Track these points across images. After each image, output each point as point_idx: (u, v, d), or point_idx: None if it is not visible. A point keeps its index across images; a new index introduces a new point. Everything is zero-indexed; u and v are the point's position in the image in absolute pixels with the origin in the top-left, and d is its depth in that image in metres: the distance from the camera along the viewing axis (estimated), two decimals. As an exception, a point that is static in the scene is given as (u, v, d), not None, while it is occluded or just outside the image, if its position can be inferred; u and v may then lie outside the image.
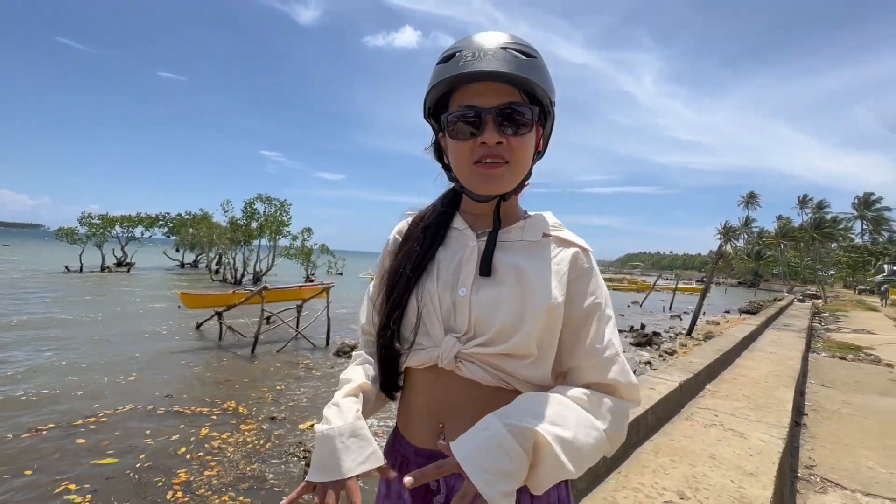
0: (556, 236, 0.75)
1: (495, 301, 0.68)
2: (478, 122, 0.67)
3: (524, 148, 0.69)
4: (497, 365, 0.68)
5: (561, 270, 0.71)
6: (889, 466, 3.55)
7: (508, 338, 0.66)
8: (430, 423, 0.72)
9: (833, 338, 11.79)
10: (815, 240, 59.83)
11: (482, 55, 0.64)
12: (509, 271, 0.70)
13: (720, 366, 4.35)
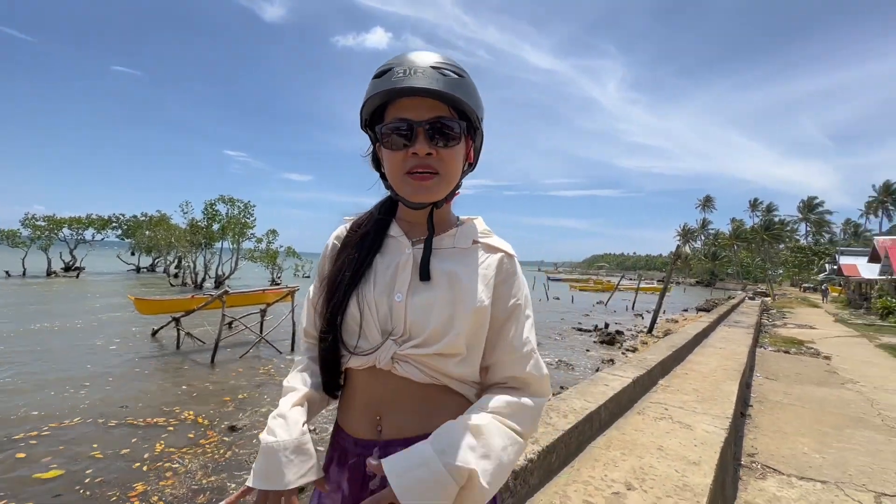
0: (485, 243, 0.81)
1: (428, 305, 0.73)
2: (410, 134, 0.71)
3: (453, 159, 0.74)
4: (429, 364, 0.73)
5: (488, 275, 0.77)
6: (821, 451, 3.83)
7: (440, 339, 0.72)
8: (368, 416, 0.77)
9: (779, 333, 12.57)
10: (765, 241, 63.63)
11: (414, 72, 0.69)
12: (441, 277, 0.75)
13: (673, 362, 4.57)
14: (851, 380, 6.84)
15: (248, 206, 25.47)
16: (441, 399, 0.75)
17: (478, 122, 0.76)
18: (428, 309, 0.73)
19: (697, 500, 1.84)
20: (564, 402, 2.56)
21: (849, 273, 27.73)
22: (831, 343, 10.97)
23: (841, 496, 3.04)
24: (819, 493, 3.07)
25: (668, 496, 1.85)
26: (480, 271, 0.77)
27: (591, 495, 1.83)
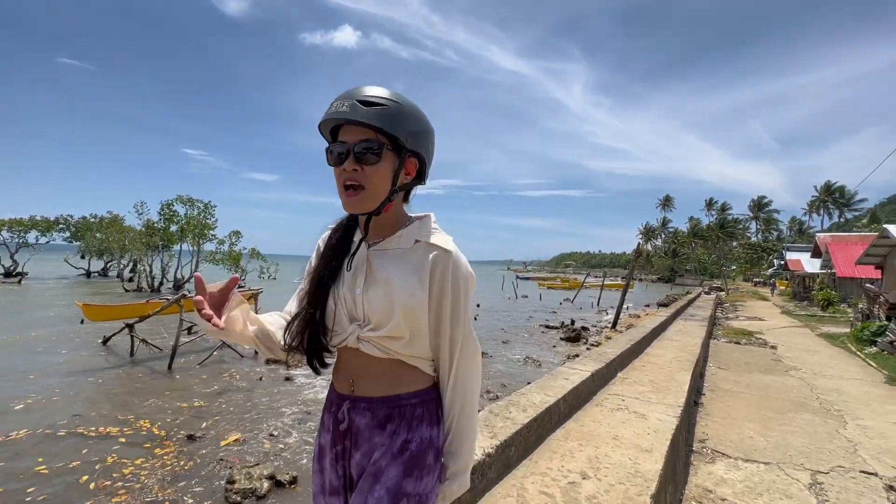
0: (425, 241, 0.94)
1: (376, 298, 0.91)
2: (343, 154, 0.88)
3: (375, 175, 0.89)
4: (383, 344, 0.92)
5: (422, 271, 0.91)
6: (766, 435, 4.08)
7: (385, 325, 0.90)
8: (346, 379, 0.99)
9: (731, 325, 13.28)
10: (720, 238, 66.92)
11: (344, 105, 0.86)
12: (383, 275, 0.92)
13: (631, 355, 4.74)
14: (794, 367, 7.31)
15: (208, 206, 24.51)
16: (398, 370, 0.94)
17: (406, 142, 0.89)
18: (375, 301, 0.91)
19: (647, 485, 1.92)
20: (524, 396, 2.61)
21: (794, 268, 29.62)
22: (778, 333, 11.68)
23: (781, 476, 3.25)
24: (762, 473, 3.27)
25: (621, 483, 1.93)
26: (415, 268, 0.91)
27: (548, 486, 1.88)
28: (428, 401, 0.96)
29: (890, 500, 2.97)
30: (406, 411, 0.93)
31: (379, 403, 0.93)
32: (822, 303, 19.39)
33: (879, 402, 5.36)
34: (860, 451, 3.79)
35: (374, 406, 0.93)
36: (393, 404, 0.93)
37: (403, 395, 0.94)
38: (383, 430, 0.92)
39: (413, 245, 0.94)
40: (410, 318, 0.90)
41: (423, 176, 0.98)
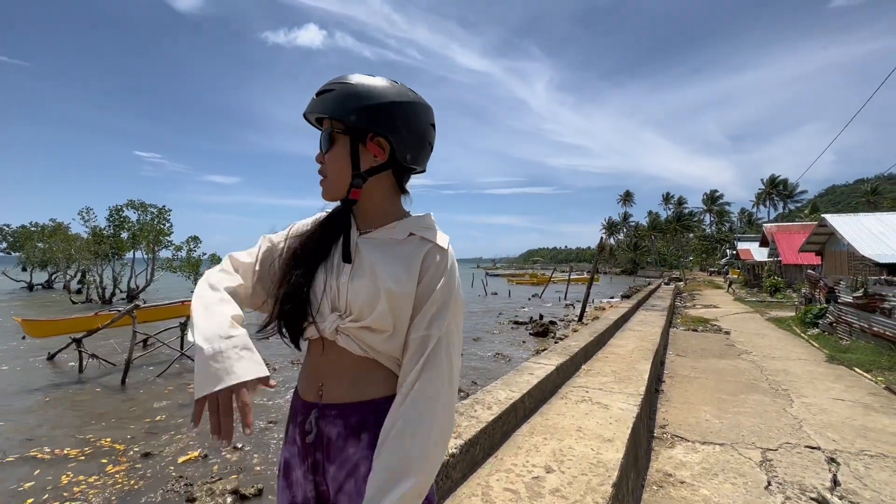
0: (420, 236, 0.90)
1: (360, 286, 0.85)
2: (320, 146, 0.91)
3: (332, 162, 0.88)
4: (362, 338, 0.84)
5: (413, 264, 0.86)
6: (720, 417, 4.28)
7: (367, 315, 0.83)
8: (313, 383, 0.90)
9: (689, 313, 13.91)
10: (677, 231, 70.06)
11: (312, 100, 0.88)
12: (370, 262, 0.87)
13: (595, 346, 4.86)
14: (746, 351, 7.73)
15: (162, 211, 23.33)
16: (372, 372, 0.87)
17: (353, 120, 0.85)
18: (359, 289, 0.85)
19: (609, 474, 1.96)
20: (490, 393, 2.62)
21: (744, 257, 31.37)
22: (731, 320, 12.33)
23: (735, 455, 3.41)
24: (717, 454, 3.43)
25: (584, 474, 1.96)
26: (405, 259, 0.87)
27: (513, 482, 1.88)
28: None
29: (831, 472, 3.18)
30: (381, 418, 0.82)
31: (350, 410, 0.85)
32: (769, 289, 20.63)
33: (821, 380, 5.75)
34: (805, 427, 4.04)
35: (345, 413, 0.85)
36: (366, 410, 0.85)
37: (378, 400, 0.85)
38: (358, 440, 0.84)
39: (406, 237, 0.90)
40: (395, 307, 0.83)
41: (395, 157, 0.88)
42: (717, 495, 2.81)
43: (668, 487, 2.90)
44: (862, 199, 61.36)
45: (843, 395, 5.07)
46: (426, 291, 0.85)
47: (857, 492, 2.91)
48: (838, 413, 4.43)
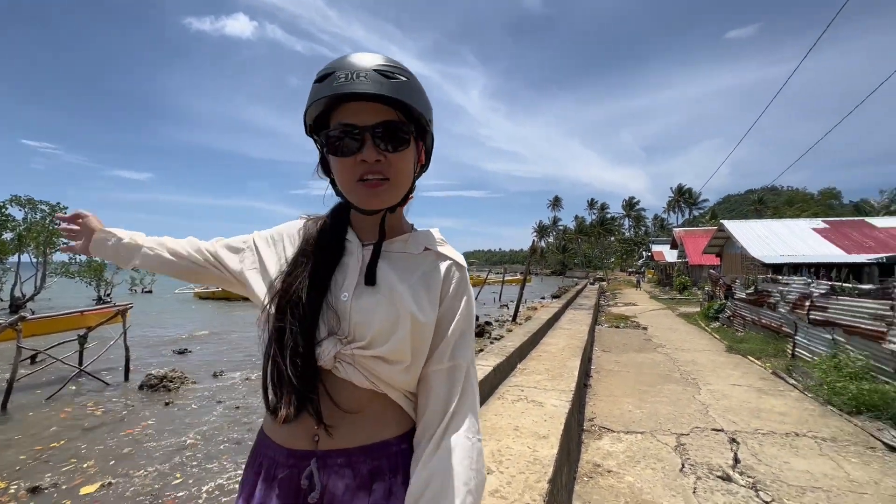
0: (436, 251, 0.80)
1: (373, 307, 0.72)
2: (357, 140, 0.70)
3: (403, 164, 0.73)
4: (372, 368, 0.71)
5: (434, 283, 0.76)
6: (641, 407, 4.63)
7: (383, 342, 0.70)
8: (304, 424, 0.72)
9: (611, 311, 14.96)
10: (601, 234, 75.25)
11: (357, 76, 0.68)
12: (388, 281, 0.74)
13: (529, 346, 5.03)
14: (661, 344, 8.46)
15: (56, 208, 20.56)
16: (383, 409, 0.74)
17: (427, 123, 0.76)
18: (372, 311, 0.72)
19: (545, 470, 2.02)
20: (429, 398, 2.60)
21: (658, 258, 34.44)
22: (648, 316, 13.45)
23: (654, 442, 3.70)
24: (639, 442, 3.69)
25: (521, 472, 2.00)
26: (427, 279, 0.77)
27: (453, 487, 1.87)
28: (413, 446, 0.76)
29: (733, 451, 3.56)
30: (397, 461, 0.72)
31: (361, 456, 0.71)
32: (679, 287, 22.82)
33: (722, 369, 6.44)
34: (710, 411, 4.49)
35: (355, 460, 0.70)
36: (380, 454, 0.71)
37: (392, 441, 0.73)
38: (369, 493, 0.69)
39: (422, 252, 0.80)
40: (418, 336, 0.72)
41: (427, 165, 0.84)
42: (640, 481, 3.02)
43: (597, 477, 3.07)
44: (751, 207, 70.20)
45: (740, 381, 5.72)
46: (449, 315, 0.76)
47: (753, 467, 3.28)
48: (737, 397, 4.98)
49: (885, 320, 4.95)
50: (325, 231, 0.80)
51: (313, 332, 0.71)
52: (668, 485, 2.99)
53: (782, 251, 14.91)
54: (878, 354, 5.00)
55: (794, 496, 2.88)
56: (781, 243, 15.57)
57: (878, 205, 31.28)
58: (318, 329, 0.72)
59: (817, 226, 17.03)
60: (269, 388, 0.72)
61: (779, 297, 7.95)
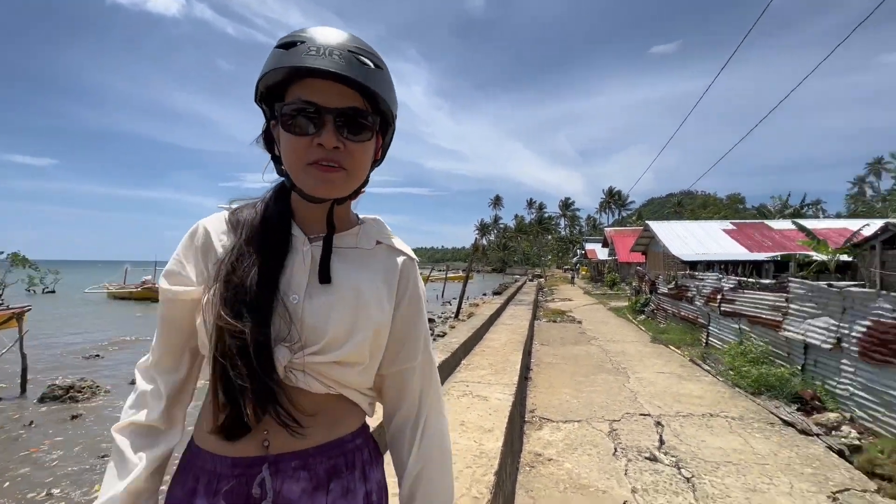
0: (388, 244, 0.77)
1: (329, 309, 0.67)
2: (317, 121, 0.64)
3: (363, 155, 0.69)
4: (327, 373, 0.67)
5: (391, 280, 0.74)
6: (577, 397, 4.87)
7: (340, 346, 0.67)
8: (253, 434, 0.66)
9: (549, 306, 15.63)
10: (539, 233, 78.44)
11: (328, 52, 0.63)
12: (343, 279, 0.70)
13: (473, 341, 5.11)
14: (594, 337, 8.97)
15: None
16: (338, 408, 0.71)
17: (392, 119, 0.73)
18: (328, 313, 0.67)
19: (491, 463, 2.05)
20: (375, 397, 2.55)
21: (591, 256, 36.52)
22: (582, 311, 14.21)
23: (590, 429, 3.91)
24: (576, 430, 3.88)
25: (468, 467, 2.01)
26: (384, 275, 0.74)
27: (401, 486, 1.84)
28: (368, 438, 0.75)
29: (658, 433, 3.86)
30: (354, 457, 0.70)
31: (318, 456, 0.67)
32: (609, 283, 24.37)
33: (648, 358, 6.96)
34: (639, 398, 4.83)
35: (311, 461, 0.67)
36: (337, 452, 0.69)
37: (347, 438, 0.71)
38: (326, 493, 0.66)
39: (375, 246, 0.76)
40: (378, 337, 0.70)
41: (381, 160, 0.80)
42: (578, 466, 3.17)
43: (538, 466, 3.18)
44: (672, 209, 76.69)
45: (664, 369, 6.22)
46: (413, 312, 0.75)
47: (676, 447, 3.57)
48: (661, 384, 5.40)
49: (780, 311, 5.61)
50: (268, 219, 0.72)
51: (269, 337, 0.64)
52: (603, 468, 3.17)
53: (698, 250, 16.43)
54: (776, 341, 5.67)
55: (710, 471, 3.18)
56: (697, 242, 17.15)
57: (774, 209, 35.55)
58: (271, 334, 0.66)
59: (726, 227, 18.95)
60: (221, 398, 0.64)
61: (695, 292, 8.74)
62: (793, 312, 5.34)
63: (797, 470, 3.20)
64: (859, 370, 4.18)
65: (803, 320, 5.10)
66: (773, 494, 2.87)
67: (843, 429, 3.89)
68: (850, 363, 4.31)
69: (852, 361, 4.28)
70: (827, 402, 4.42)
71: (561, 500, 2.78)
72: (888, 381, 3.81)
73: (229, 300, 0.64)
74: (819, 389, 4.60)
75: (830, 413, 4.17)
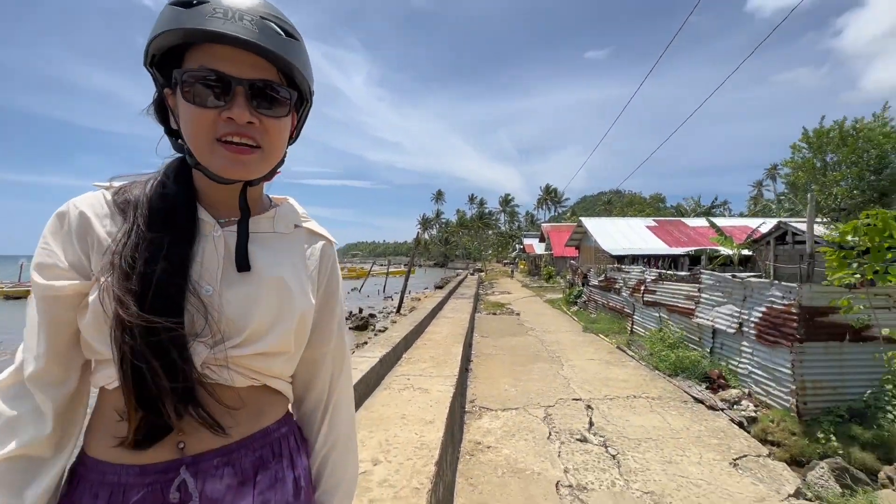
0: (307, 228, 0.75)
1: (249, 300, 0.63)
2: (225, 92, 0.58)
3: (279, 132, 0.64)
4: (249, 365, 0.63)
5: (312, 265, 0.73)
6: (515, 386, 5.06)
7: (263, 337, 0.63)
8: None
9: (489, 299, 16.04)
10: (480, 228, 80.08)
11: (237, 16, 0.57)
12: (263, 266, 0.66)
13: (414, 335, 5.11)
14: (532, 328, 9.35)
15: None
16: (262, 398, 0.67)
17: (308, 95, 0.68)
18: (248, 304, 0.62)
19: (432, 454, 2.08)
20: (313, 395, 2.47)
21: (529, 251, 37.92)
22: (520, 303, 14.74)
23: (526, 416, 4.07)
24: (514, 417, 4.03)
25: (409, 459, 2.02)
26: (305, 260, 0.72)
27: (340, 483, 1.81)
28: (293, 424, 0.74)
29: (588, 416, 4.11)
30: (281, 446, 0.68)
31: (242, 450, 0.63)
32: (546, 277, 25.49)
33: (580, 346, 7.38)
34: (572, 384, 5.12)
35: (236, 456, 0.63)
36: (262, 443, 0.66)
37: (271, 427, 0.68)
38: (254, 486, 0.63)
39: (293, 230, 0.73)
40: (303, 324, 0.68)
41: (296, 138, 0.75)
42: (515, 452, 3.30)
43: (478, 454, 3.27)
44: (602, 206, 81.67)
45: (594, 356, 6.63)
46: (331, 297, 0.75)
47: (603, 427, 3.83)
48: (591, 370, 5.76)
49: (693, 300, 6.20)
50: (170, 200, 0.63)
51: (183, 333, 0.58)
52: (538, 452, 3.33)
53: (625, 244, 17.65)
54: (689, 327, 6.26)
55: (633, 447, 3.45)
56: (624, 238, 18.42)
57: (690, 208, 39.20)
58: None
59: (650, 224, 20.55)
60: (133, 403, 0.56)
61: (622, 284, 9.39)
62: (704, 301, 5.91)
63: (705, 441, 3.57)
64: (756, 351, 4.74)
65: (712, 308, 5.67)
66: (686, 465, 3.18)
67: (742, 403, 4.39)
68: (748, 345, 4.87)
69: (750, 343, 4.83)
70: (730, 379, 4.96)
71: (499, 485, 2.88)
72: (778, 359, 4.36)
73: (132, 293, 0.56)
74: (724, 369, 5.15)
75: (733, 389, 4.69)
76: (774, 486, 2.93)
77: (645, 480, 2.95)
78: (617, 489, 2.85)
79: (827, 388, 4.04)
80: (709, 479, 2.98)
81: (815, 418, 3.85)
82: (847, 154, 12.70)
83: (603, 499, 2.74)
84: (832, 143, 13.31)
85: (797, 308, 4.15)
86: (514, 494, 2.77)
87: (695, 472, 3.07)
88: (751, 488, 2.89)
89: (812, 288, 4.26)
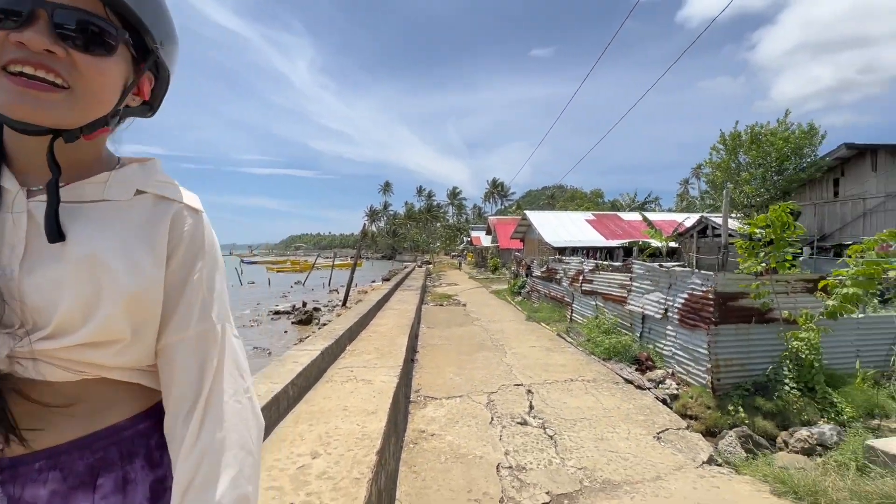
0: (155, 194, 0.62)
1: (55, 284, 0.52)
2: (22, 14, 0.48)
3: (98, 73, 0.52)
4: (72, 358, 0.54)
5: (156, 236, 0.60)
6: (460, 374, 5.14)
7: (80, 326, 0.53)
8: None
9: (437, 291, 16.14)
10: (428, 220, 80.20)
11: None
12: (76, 244, 0.54)
13: (359, 327, 5.04)
14: (477, 318, 9.53)
15: None
16: (105, 392, 0.59)
17: (155, 46, 0.58)
18: (54, 289, 0.52)
19: (373, 444, 2.07)
20: (248, 390, 2.36)
21: (476, 243, 38.55)
22: (467, 294, 14.97)
23: (470, 403, 4.16)
24: (458, 405, 4.11)
25: (350, 450, 2.00)
26: (141, 231, 0.59)
27: (276, 479, 1.75)
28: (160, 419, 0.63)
29: (528, 400, 4.27)
30: (134, 444, 0.60)
31: (74, 452, 0.56)
32: (492, 268, 26.06)
33: (523, 335, 7.65)
34: (514, 371, 5.29)
35: (64, 459, 0.55)
36: (105, 443, 0.58)
37: (123, 424, 0.60)
38: (92, 490, 0.56)
39: (133, 197, 0.60)
40: (139, 307, 0.57)
41: (154, 104, 0.65)
42: (458, 438, 3.37)
43: (422, 442, 3.29)
44: (546, 200, 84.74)
45: (536, 343, 6.90)
46: (183, 273, 0.61)
47: (543, 410, 4.00)
48: (533, 357, 5.99)
49: (626, 288, 6.62)
50: None
51: None
52: (481, 436, 3.42)
53: (566, 237, 18.46)
54: (622, 314, 6.68)
55: (568, 427, 3.64)
56: (565, 231, 19.26)
57: (625, 203, 41.79)
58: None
59: (589, 217, 21.64)
60: None
61: (562, 274, 9.82)
62: (635, 289, 6.33)
63: (633, 418, 3.85)
64: (679, 334, 5.16)
65: (642, 295, 6.09)
66: (616, 440, 3.41)
67: (666, 382, 4.78)
68: (672, 329, 5.30)
69: (674, 327, 5.26)
70: (657, 361, 5.37)
71: (442, 471, 2.93)
72: (697, 341, 4.77)
73: None
74: (651, 351, 5.57)
75: (659, 370, 5.09)
76: (691, 455, 3.23)
77: (579, 457, 3.13)
78: (553, 467, 3.00)
79: (736, 366, 4.49)
80: (635, 452, 3.22)
81: (727, 393, 4.27)
82: (755, 156, 14.14)
83: (540, 477, 2.87)
84: (744, 145, 14.74)
85: (713, 294, 4.56)
86: (457, 479, 2.83)
87: (623, 447, 3.30)
88: (671, 458, 3.16)
89: (726, 276, 4.70)
